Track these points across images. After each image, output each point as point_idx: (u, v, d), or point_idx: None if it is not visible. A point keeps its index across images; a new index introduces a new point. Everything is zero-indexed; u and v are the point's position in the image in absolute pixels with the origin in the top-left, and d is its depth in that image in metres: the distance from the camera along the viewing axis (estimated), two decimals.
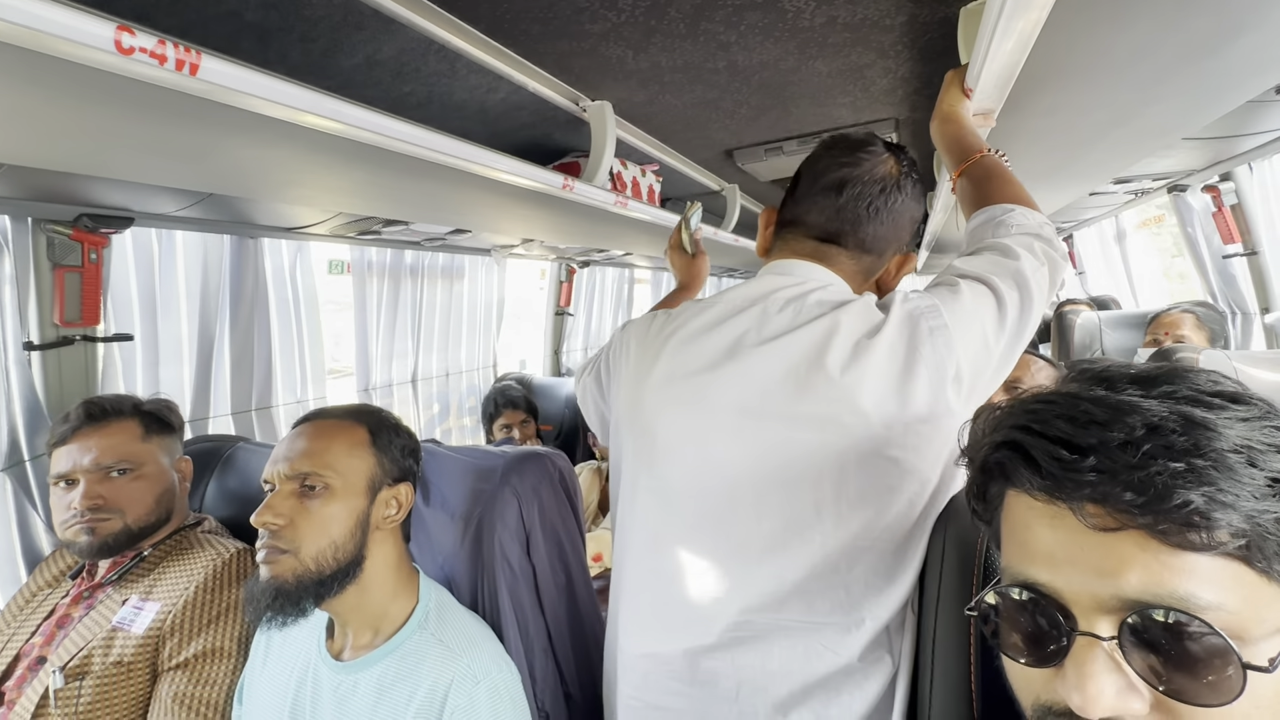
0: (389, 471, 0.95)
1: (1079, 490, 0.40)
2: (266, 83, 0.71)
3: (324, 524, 0.86)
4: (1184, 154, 1.95)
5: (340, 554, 0.87)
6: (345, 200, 1.49)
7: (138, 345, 1.62)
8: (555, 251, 2.96)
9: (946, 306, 0.77)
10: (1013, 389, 1.45)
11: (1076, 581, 0.41)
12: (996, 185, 0.93)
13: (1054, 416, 0.43)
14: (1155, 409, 0.41)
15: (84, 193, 1.28)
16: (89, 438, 1.10)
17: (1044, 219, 0.88)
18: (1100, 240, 4.07)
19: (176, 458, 1.22)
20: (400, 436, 0.99)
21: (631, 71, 1.29)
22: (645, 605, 0.87)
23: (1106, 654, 0.39)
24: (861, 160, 0.86)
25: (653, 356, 0.90)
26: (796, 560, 0.77)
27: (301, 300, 2.08)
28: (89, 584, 1.12)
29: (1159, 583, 0.38)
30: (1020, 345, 0.79)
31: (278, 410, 2.01)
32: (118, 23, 0.57)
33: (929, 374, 0.74)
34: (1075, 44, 0.87)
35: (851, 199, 0.85)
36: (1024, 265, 0.79)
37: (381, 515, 0.93)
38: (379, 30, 1.02)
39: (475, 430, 2.97)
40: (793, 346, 0.79)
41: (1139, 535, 0.39)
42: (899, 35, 1.21)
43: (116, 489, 1.09)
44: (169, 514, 1.16)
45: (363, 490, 0.91)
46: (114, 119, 0.79)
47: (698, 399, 0.84)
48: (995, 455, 0.46)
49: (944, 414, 0.75)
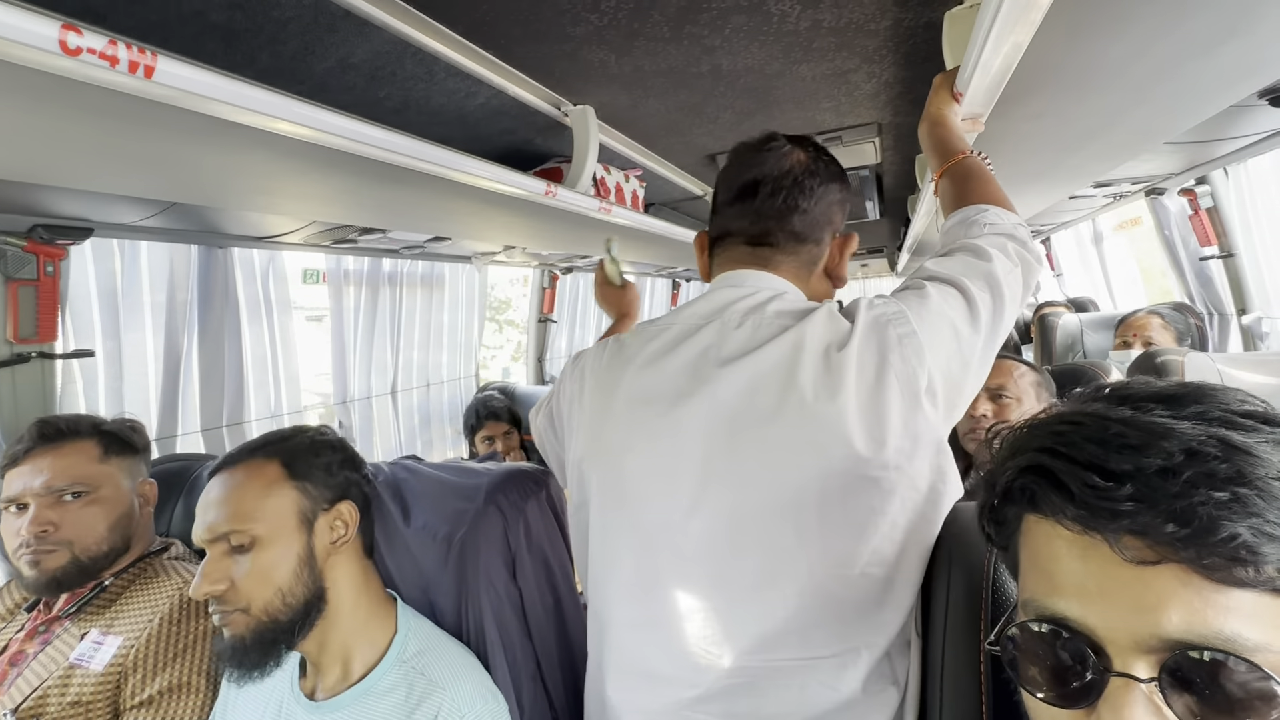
0: (320, 496, 0.88)
1: (1115, 520, 0.37)
2: (230, 86, 0.67)
3: (263, 576, 0.81)
4: (1164, 158, 1.98)
5: (291, 598, 0.82)
6: (320, 208, 1.44)
7: (99, 361, 1.55)
8: (538, 258, 2.92)
9: (914, 312, 0.74)
10: (998, 397, 1.45)
11: (1111, 618, 0.38)
12: (974, 185, 0.92)
13: (1082, 439, 0.40)
14: (1191, 432, 0.38)
15: (38, 202, 1.21)
16: (42, 459, 1.04)
17: (1019, 220, 0.87)
18: (1078, 243, 4.14)
19: (140, 480, 1.15)
20: (324, 454, 0.92)
21: (614, 75, 1.27)
22: (628, 655, 0.82)
23: (1145, 697, 0.36)
24: (766, 158, 0.86)
25: (611, 388, 0.85)
26: (784, 595, 0.73)
27: (275, 311, 2.02)
28: (45, 617, 1.05)
29: (1203, 621, 0.36)
30: (994, 348, 0.77)
31: (250, 426, 1.94)
32: (63, 21, 0.53)
33: (900, 385, 0.71)
34: (1068, 49, 0.86)
35: (767, 196, 0.84)
36: (996, 267, 0.77)
37: (328, 542, 0.87)
38: (352, 33, 0.98)
39: (457, 441, 2.92)
40: (760, 365, 0.76)
41: (1179, 569, 0.36)
42: (884, 39, 1.20)
43: (68, 514, 1.03)
44: (126, 542, 1.09)
45: (294, 527, 0.84)
46: (68, 124, 0.75)
47: (663, 430, 0.79)
48: (1020, 480, 0.43)
49: (923, 426, 0.72)
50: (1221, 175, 2.23)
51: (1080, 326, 2.73)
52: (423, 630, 0.91)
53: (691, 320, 0.85)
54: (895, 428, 0.70)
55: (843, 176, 0.90)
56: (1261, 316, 2.30)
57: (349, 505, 0.91)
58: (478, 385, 3.13)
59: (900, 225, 3.69)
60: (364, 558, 0.92)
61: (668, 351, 0.83)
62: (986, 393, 1.47)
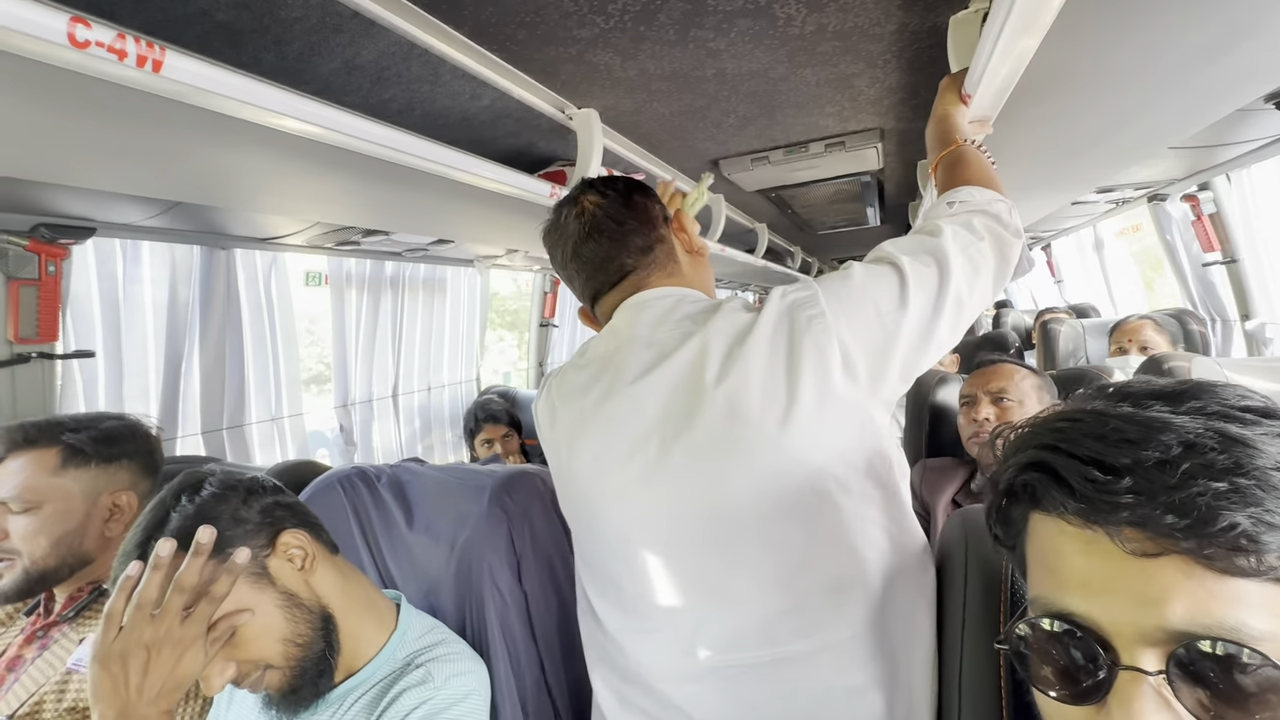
0: (256, 547, 0.80)
1: (1116, 513, 0.38)
2: (237, 82, 0.66)
3: (264, 640, 0.77)
4: (1167, 163, 1.99)
5: (301, 638, 0.79)
6: (324, 209, 1.44)
7: (100, 362, 1.54)
8: (539, 262, 2.92)
9: (826, 291, 0.75)
10: (999, 400, 1.46)
11: (1116, 611, 0.38)
12: (960, 170, 0.92)
13: (1082, 435, 0.41)
14: (1189, 425, 0.38)
15: (41, 201, 1.21)
16: (4, 465, 1.02)
17: (996, 195, 0.86)
18: (1078, 249, 4.15)
19: (111, 491, 1.08)
20: (218, 518, 0.78)
21: (619, 79, 1.27)
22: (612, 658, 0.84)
23: (1154, 689, 0.37)
24: (568, 225, 0.92)
25: (555, 429, 0.90)
26: (741, 591, 0.74)
27: (276, 313, 2.01)
28: (43, 622, 1.04)
29: (1206, 612, 0.36)
30: (941, 323, 0.75)
31: (251, 429, 1.93)
32: (71, 14, 0.53)
33: (812, 364, 0.72)
34: (1075, 53, 0.86)
35: (594, 245, 0.90)
36: (946, 241, 0.77)
37: (295, 571, 0.82)
38: (358, 33, 0.98)
39: (458, 445, 2.91)
40: (671, 373, 0.78)
41: (1182, 561, 0.36)
42: (888, 44, 1.20)
43: (15, 527, 1.00)
44: (79, 559, 1.03)
45: (250, 593, 0.78)
46: (72, 122, 0.74)
47: (605, 456, 0.82)
48: (1022, 477, 0.43)
49: (842, 404, 0.72)
50: (1224, 181, 2.24)
51: (1082, 332, 2.73)
52: (423, 627, 0.90)
53: (604, 347, 0.88)
54: (810, 409, 0.71)
55: (632, 183, 0.96)
56: (1266, 322, 2.30)
57: (290, 533, 0.83)
58: (479, 389, 3.12)
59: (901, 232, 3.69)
60: (334, 558, 0.89)
61: (591, 383, 0.86)
62: (989, 396, 1.48)
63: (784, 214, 2.88)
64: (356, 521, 1.05)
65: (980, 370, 1.56)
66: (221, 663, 0.75)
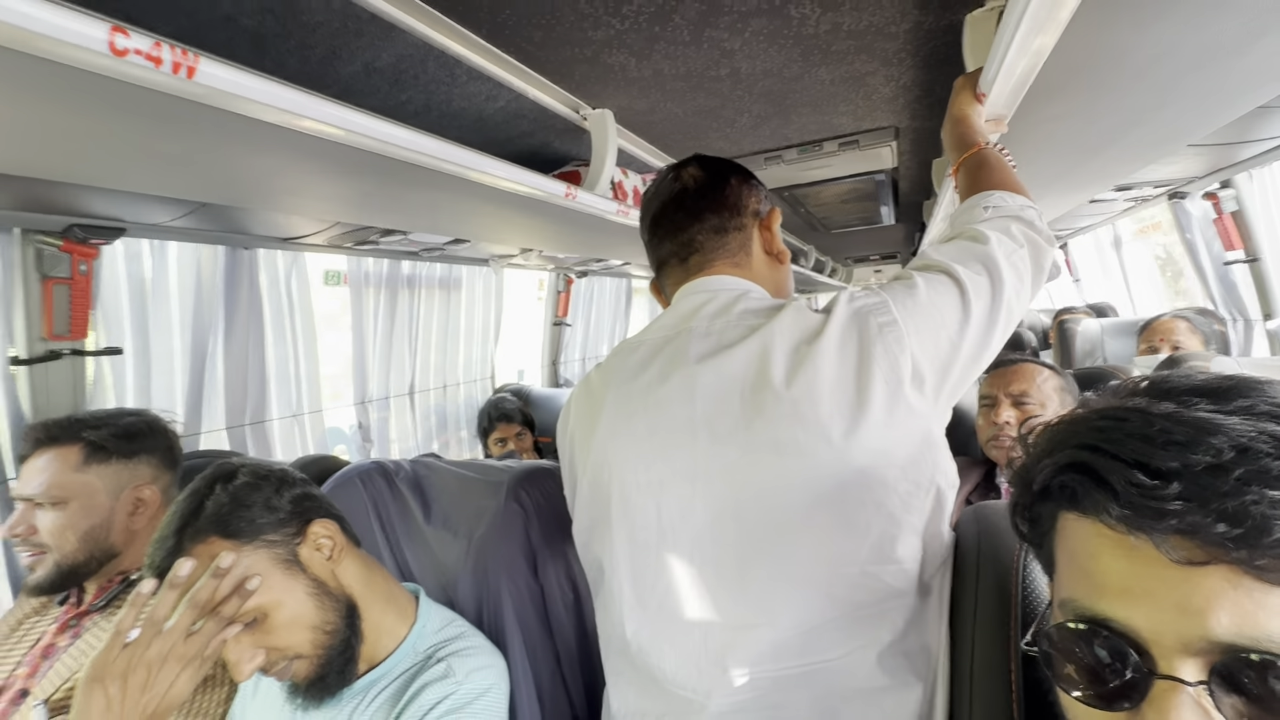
0: (282, 536, 0.82)
1: (1163, 520, 0.36)
2: (264, 86, 0.69)
3: (294, 628, 0.79)
4: (1187, 161, 1.96)
5: (329, 626, 0.81)
6: (343, 209, 1.46)
7: (128, 359, 1.58)
8: (553, 261, 2.94)
9: (897, 301, 0.73)
10: (1021, 403, 1.41)
11: (1156, 619, 0.37)
12: (986, 174, 0.91)
13: (1126, 435, 0.39)
14: (1240, 428, 0.36)
15: (74, 202, 1.25)
16: (33, 462, 1.06)
17: (1027, 202, 0.85)
18: (1096, 247, 4.09)
19: (134, 486, 1.12)
20: (250, 499, 0.81)
21: (634, 79, 1.28)
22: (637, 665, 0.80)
23: (1194, 700, 0.35)
24: (662, 188, 0.94)
25: (596, 413, 0.85)
26: (786, 601, 0.71)
27: (297, 312, 2.05)
28: (75, 611, 1.07)
29: (1255, 624, 0.34)
30: (995, 333, 0.74)
31: (272, 425, 1.97)
32: (112, 23, 0.55)
33: (883, 374, 0.70)
34: (1092, 50, 0.85)
35: (674, 212, 0.91)
36: (994, 249, 0.76)
37: (322, 564, 0.84)
38: (378, 36, 1.00)
39: (474, 442, 2.93)
40: (731, 368, 0.75)
41: (1229, 570, 0.35)
42: (903, 43, 1.20)
43: (44, 521, 1.04)
44: (105, 552, 1.07)
45: (284, 576, 0.80)
46: (105, 125, 0.77)
47: (645, 444, 0.79)
48: (1060, 478, 0.42)
49: (906, 415, 0.70)
50: (1246, 178, 2.20)
51: (1101, 332, 2.69)
52: (442, 620, 0.92)
53: (660, 333, 0.86)
54: (879, 417, 0.69)
55: (736, 167, 0.95)
56: None
57: (320, 523, 0.85)
58: (493, 387, 3.15)
59: (916, 231, 3.67)
60: (357, 550, 0.91)
61: (643, 366, 0.84)
62: (1010, 399, 1.42)
63: (797, 213, 2.87)
64: (376, 515, 1.07)
65: (1001, 370, 1.48)
66: (251, 649, 0.76)
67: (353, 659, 0.83)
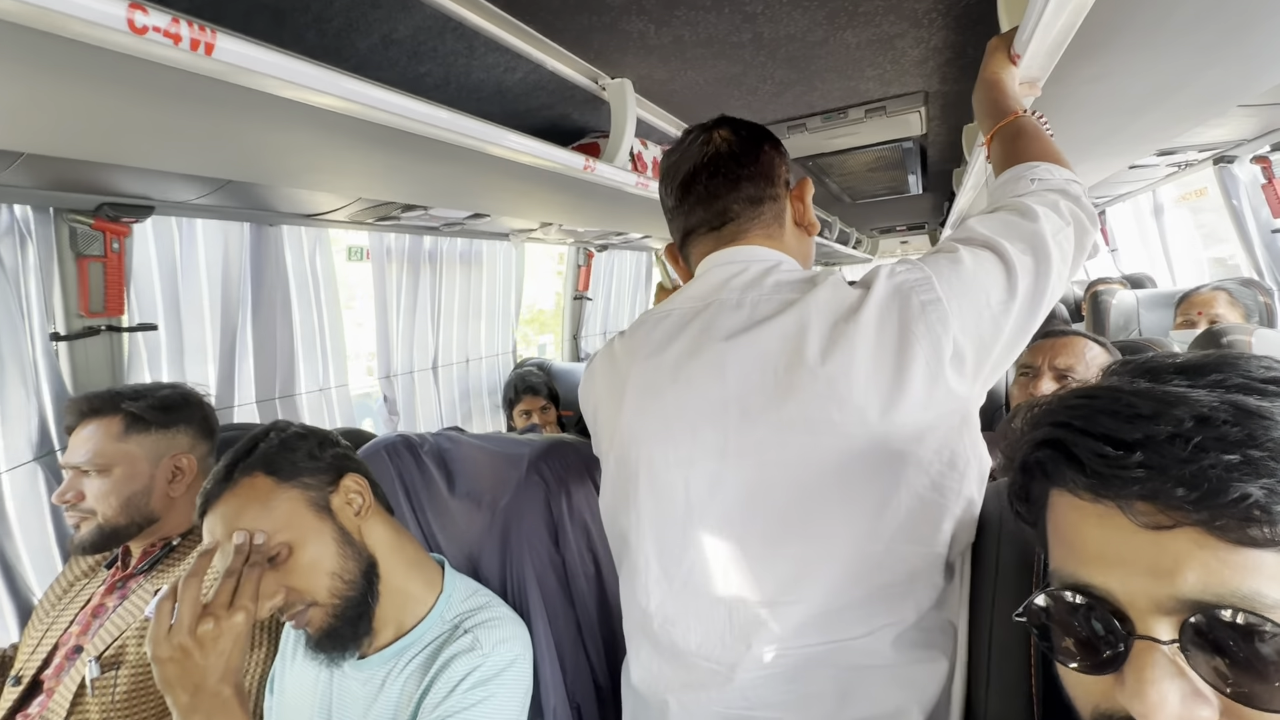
0: (319, 482, 0.88)
1: (1127, 487, 0.38)
2: (282, 62, 0.69)
3: (314, 571, 0.83)
4: (1236, 123, 1.86)
5: (348, 574, 0.85)
6: (365, 184, 1.47)
7: (162, 335, 1.62)
8: (573, 235, 2.93)
9: (941, 277, 0.70)
10: (1063, 378, 1.33)
11: (1131, 583, 0.39)
12: (1025, 144, 0.87)
13: (1096, 411, 0.41)
14: (1204, 399, 0.39)
15: (104, 181, 1.27)
16: (79, 433, 1.12)
17: (1071, 175, 0.82)
18: (1136, 216, 3.93)
19: (173, 455, 1.17)
20: (297, 446, 0.89)
21: (653, 47, 1.25)
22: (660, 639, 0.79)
23: (1168, 658, 0.37)
24: (691, 151, 0.89)
25: (621, 386, 0.84)
26: (812, 577, 0.70)
27: (322, 287, 2.08)
28: (122, 573, 1.13)
29: (1220, 581, 0.36)
30: (1038, 312, 0.72)
31: (300, 398, 2.02)
32: (129, 0, 0.55)
33: (925, 354, 0.68)
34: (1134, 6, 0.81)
35: (707, 179, 0.87)
36: (1043, 226, 0.73)
37: (351, 516, 0.89)
38: (395, 8, 0.99)
39: (495, 415, 2.98)
40: (766, 343, 0.74)
41: (1195, 532, 0.37)
42: (934, 2, 1.15)
43: (90, 488, 1.09)
44: (146, 517, 1.12)
45: (314, 519, 0.85)
46: (130, 104, 0.78)
47: (673, 418, 0.77)
48: (1036, 454, 0.45)
49: (945, 397, 0.69)
50: None
51: (1137, 304, 2.60)
52: (468, 590, 0.94)
53: (689, 304, 0.84)
54: (917, 398, 0.68)
55: (767, 133, 0.91)
56: None
57: (352, 477, 0.91)
58: (515, 361, 3.18)
59: (944, 200, 3.57)
60: (388, 516, 0.95)
61: (669, 339, 0.82)
62: (1053, 372, 1.34)
63: (821, 183, 2.81)
64: (402, 487, 1.10)
65: (1049, 340, 1.38)
66: (273, 585, 0.81)
67: (366, 615, 0.86)
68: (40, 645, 1.07)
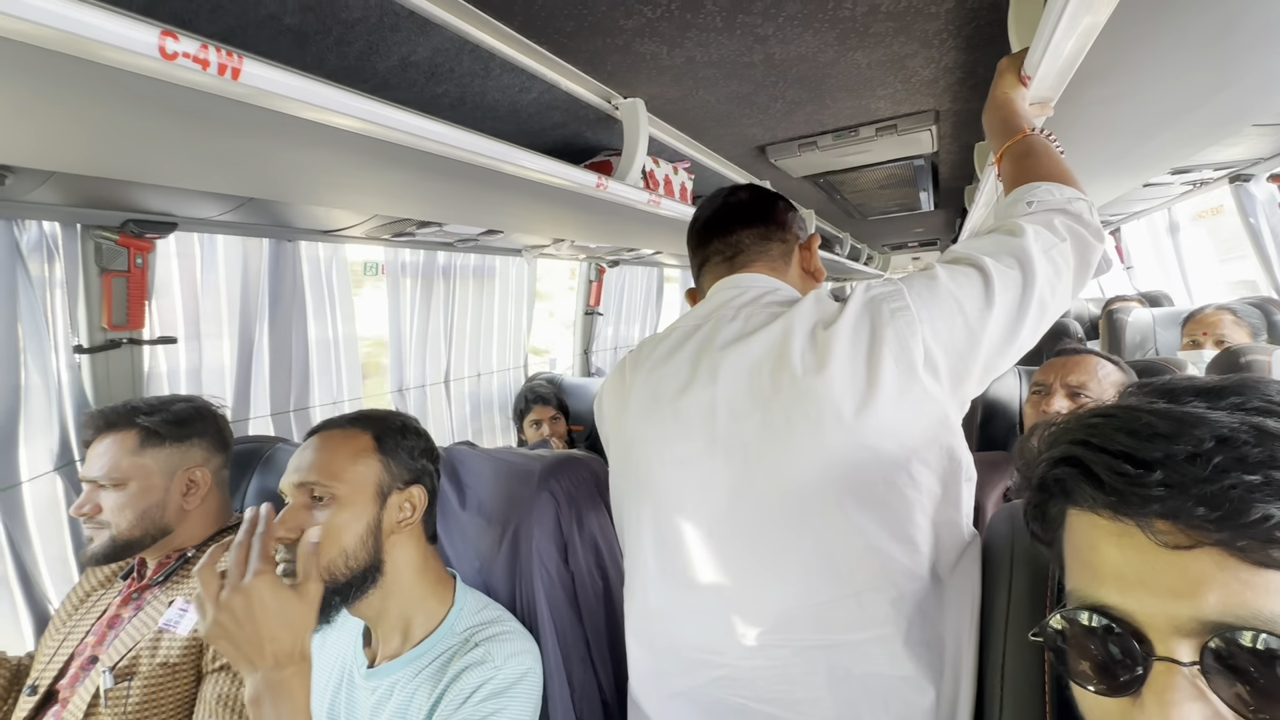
0: (398, 475, 0.93)
1: (1146, 506, 0.38)
2: (305, 85, 0.71)
3: (333, 535, 0.85)
4: (1251, 142, 1.85)
5: (352, 561, 0.86)
6: (381, 202, 1.50)
7: (180, 348, 1.65)
8: (585, 251, 2.95)
9: (913, 290, 0.76)
10: (1075, 395, 1.33)
11: (1150, 603, 0.38)
12: (1032, 163, 0.90)
13: (1114, 430, 0.41)
14: (1224, 420, 0.38)
15: (130, 199, 1.31)
16: (95, 447, 1.14)
17: (1075, 193, 0.84)
18: (1151, 233, 3.90)
19: (187, 468, 1.18)
20: (409, 438, 0.97)
21: (665, 68, 1.27)
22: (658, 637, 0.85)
23: (1189, 680, 0.37)
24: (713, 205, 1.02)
25: (625, 395, 0.91)
26: (796, 570, 0.74)
27: (337, 302, 2.11)
28: (137, 585, 1.14)
29: (1241, 603, 0.36)
30: (1023, 327, 0.75)
31: (314, 411, 2.04)
32: (161, 28, 0.57)
33: (893, 356, 0.72)
34: (1146, 27, 0.81)
35: (725, 217, 0.99)
36: (1028, 242, 0.76)
37: (395, 520, 0.92)
38: (414, 31, 1.02)
39: (506, 429, 2.98)
40: (753, 350, 0.80)
41: (1216, 553, 0.36)
42: (944, 22, 1.16)
43: (106, 501, 1.10)
44: (160, 529, 1.13)
45: (370, 497, 0.89)
46: (158, 125, 0.80)
47: (669, 421, 0.84)
48: (1054, 472, 0.44)
49: (920, 398, 0.72)
50: None
51: (1153, 322, 2.57)
52: (479, 604, 0.94)
53: (692, 321, 0.91)
54: (888, 396, 0.72)
55: (782, 196, 1.03)
56: None
57: (420, 490, 0.96)
58: (526, 375, 3.19)
59: (956, 217, 3.56)
60: (425, 543, 0.96)
61: (671, 352, 0.89)
62: (1065, 389, 1.34)
63: (832, 200, 2.82)
64: None
65: (1061, 359, 1.40)
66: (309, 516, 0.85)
67: (338, 605, 0.86)
68: (56, 655, 1.08)
